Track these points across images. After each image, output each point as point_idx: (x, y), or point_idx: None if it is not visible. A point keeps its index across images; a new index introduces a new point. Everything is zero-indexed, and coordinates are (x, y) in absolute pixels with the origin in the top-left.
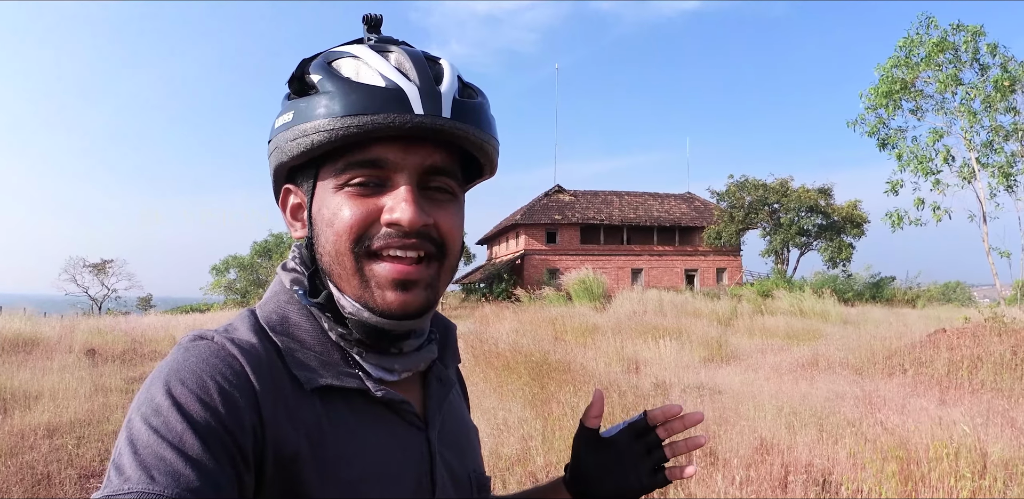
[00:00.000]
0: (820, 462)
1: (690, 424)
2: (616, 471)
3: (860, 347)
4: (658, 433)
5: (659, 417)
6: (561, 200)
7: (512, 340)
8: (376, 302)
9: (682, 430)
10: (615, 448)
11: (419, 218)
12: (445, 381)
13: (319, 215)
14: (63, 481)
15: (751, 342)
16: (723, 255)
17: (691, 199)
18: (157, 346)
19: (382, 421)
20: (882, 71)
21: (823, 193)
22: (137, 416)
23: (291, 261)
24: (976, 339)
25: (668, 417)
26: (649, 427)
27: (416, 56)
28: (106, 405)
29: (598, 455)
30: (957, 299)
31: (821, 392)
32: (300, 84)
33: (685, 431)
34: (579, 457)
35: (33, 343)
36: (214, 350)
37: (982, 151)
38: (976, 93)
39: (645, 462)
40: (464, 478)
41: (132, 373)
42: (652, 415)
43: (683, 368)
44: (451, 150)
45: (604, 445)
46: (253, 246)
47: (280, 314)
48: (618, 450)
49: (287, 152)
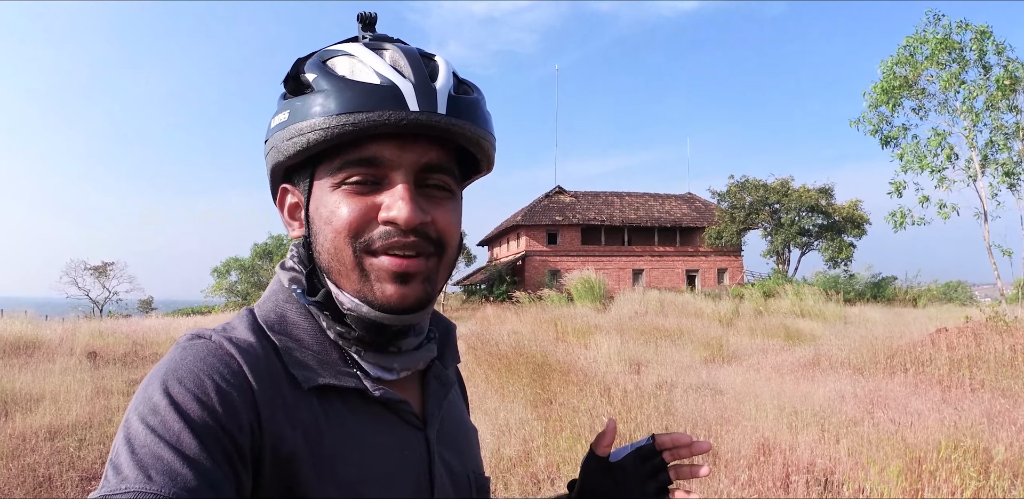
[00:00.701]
0: (822, 462)
1: (697, 452)
2: (623, 493)
3: (861, 347)
4: (664, 457)
5: (667, 443)
6: (562, 201)
7: (513, 341)
8: (376, 295)
9: (688, 457)
10: (622, 472)
11: (416, 216)
12: (444, 381)
13: (316, 214)
14: (64, 483)
15: (752, 342)
16: (724, 255)
17: (692, 200)
18: (158, 348)
19: (380, 420)
20: (884, 68)
21: (824, 193)
22: (135, 415)
23: (289, 260)
24: (977, 338)
25: (676, 444)
26: (656, 451)
27: (411, 53)
28: (107, 407)
29: (606, 479)
30: (958, 298)
31: (822, 392)
32: (295, 83)
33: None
34: (587, 481)
35: (34, 346)
36: (212, 349)
37: (984, 150)
38: (978, 92)
39: (650, 485)
40: (463, 478)
41: (133, 375)
42: (660, 440)
43: (684, 368)
44: (448, 147)
45: (612, 469)
46: (253, 248)
47: (278, 313)
48: (625, 473)
49: (283, 151)
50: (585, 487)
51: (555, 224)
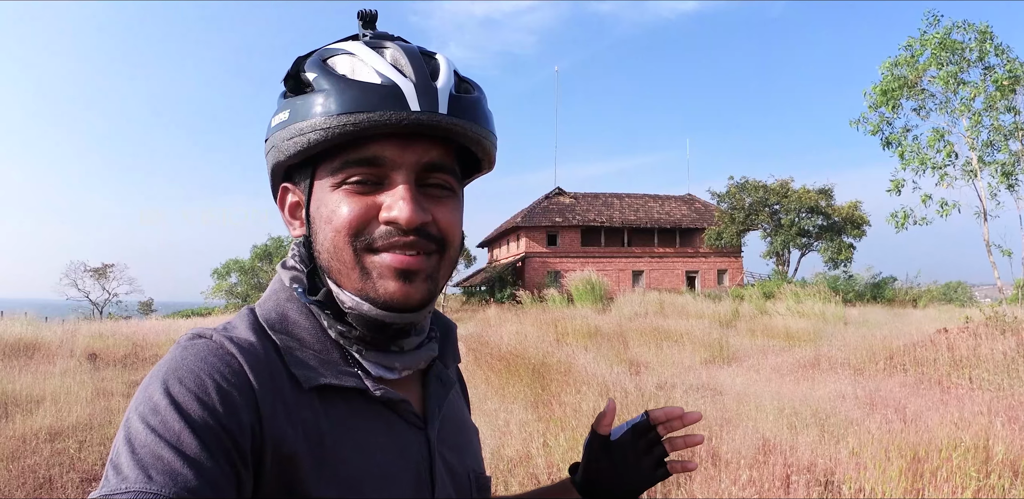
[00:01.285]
0: (823, 462)
1: (689, 422)
2: (624, 469)
3: (861, 347)
4: (658, 431)
5: (661, 417)
6: (562, 202)
7: (514, 342)
8: (378, 293)
9: (681, 428)
10: (621, 449)
11: (417, 216)
12: (445, 380)
13: (317, 213)
14: (65, 485)
15: (752, 343)
16: (724, 256)
17: (691, 201)
18: (158, 350)
19: (381, 420)
20: (885, 69)
21: (823, 194)
22: (135, 415)
23: (290, 259)
24: (977, 338)
25: (669, 417)
26: (650, 426)
27: (412, 52)
28: (108, 409)
29: (607, 457)
30: (958, 299)
31: (822, 392)
32: (296, 82)
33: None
34: (590, 460)
35: (34, 347)
36: (212, 349)
37: (983, 150)
38: (977, 92)
39: (648, 458)
40: (464, 477)
41: (134, 377)
42: (654, 415)
43: (685, 369)
44: (449, 146)
45: (612, 447)
46: (253, 249)
47: (279, 312)
48: (624, 450)
49: (284, 151)
50: (588, 466)
51: (555, 225)
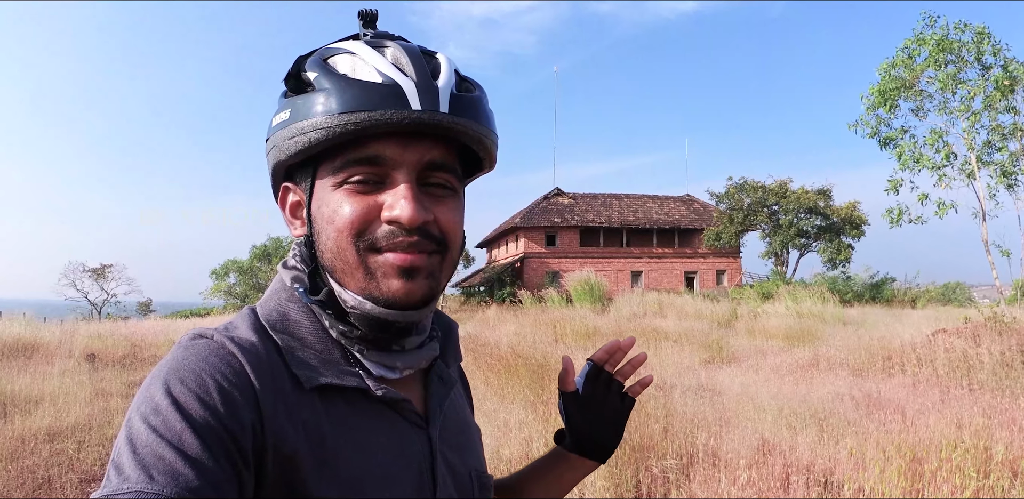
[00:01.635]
0: (822, 462)
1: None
2: (601, 413)
3: (859, 348)
4: (606, 369)
5: (603, 357)
6: (560, 203)
7: (513, 343)
8: (381, 291)
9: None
10: (589, 398)
11: (419, 215)
12: (446, 379)
13: (319, 213)
14: (64, 485)
15: (751, 343)
16: (723, 257)
17: (690, 201)
18: (157, 350)
19: (383, 419)
20: (882, 71)
21: (822, 194)
22: (136, 415)
23: (291, 259)
24: (976, 339)
25: (610, 353)
26: (599, 368)
27: (412, 51)
28: (107, 409)
29: (584, 410)
30: (957, 299)
31: (821, 393)
32: (296, 81)
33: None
34: (571, 420)
35: (33, 348)
36: (213, 348)
37: (982, 150)
38: (976, 92)
39: (612, 395)
40: (465, 477)
41: (132, 377)
42: (597, 357)
43: (684, 370)
44: (450, 145)
45: (582, 401)
46: (252, 250)
47: (280, 312)
48: (591, 398)
49: (285, 150)
50: (572, 426)
51: (554, 226)
